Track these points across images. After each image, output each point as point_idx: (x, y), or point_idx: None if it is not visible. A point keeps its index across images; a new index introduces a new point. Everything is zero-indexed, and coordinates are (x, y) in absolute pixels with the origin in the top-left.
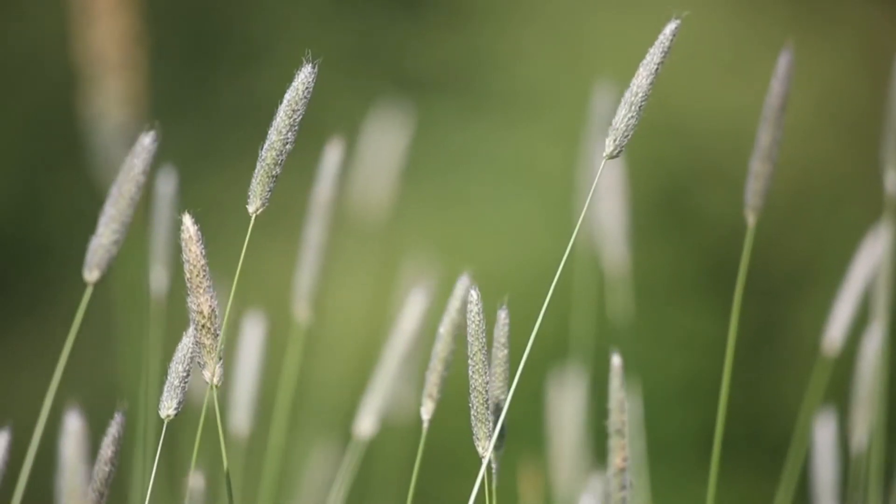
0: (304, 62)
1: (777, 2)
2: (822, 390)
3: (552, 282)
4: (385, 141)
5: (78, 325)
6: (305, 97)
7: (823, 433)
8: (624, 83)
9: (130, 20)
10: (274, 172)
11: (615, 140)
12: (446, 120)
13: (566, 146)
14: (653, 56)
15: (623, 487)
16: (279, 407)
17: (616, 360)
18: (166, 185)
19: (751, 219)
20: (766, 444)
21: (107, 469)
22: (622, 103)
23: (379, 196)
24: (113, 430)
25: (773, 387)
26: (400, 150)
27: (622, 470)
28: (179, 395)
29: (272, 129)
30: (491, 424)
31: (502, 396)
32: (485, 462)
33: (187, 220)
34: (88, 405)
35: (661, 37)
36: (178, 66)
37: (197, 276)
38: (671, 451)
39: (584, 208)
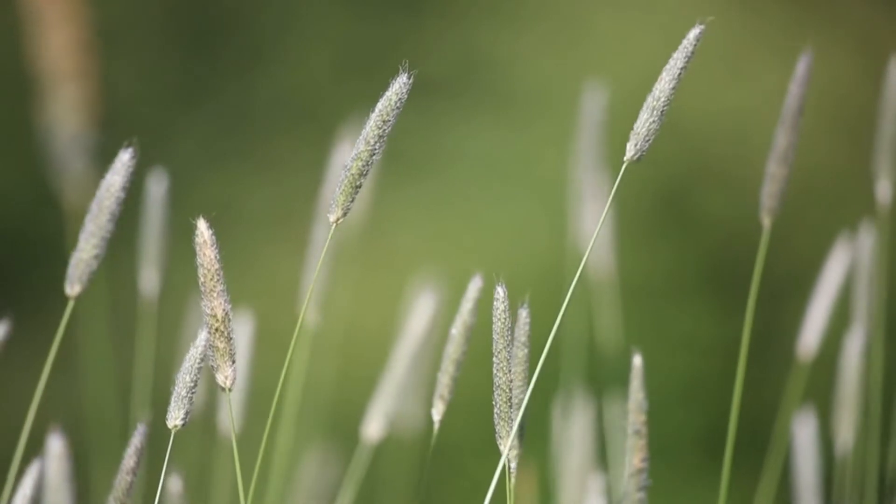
0: (401, 71)
1: (777, 2)
2: (800, 395)
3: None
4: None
5: (59, 340)
6: (398, 108)
7: (803, 433)
8: (624, 83)
9: (81, 30)
10: (359, 183)
11: (636, 144)
12: (447, 119)
13: (565, 146)
14: (676, 61)
15: (641, 488)
16: (287, 408)
17: (637, 361)
18: (158, 187)
19: (766, 221)
20: (766, 444)
21: (128, 479)
22: (644, 107)
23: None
24: (136, 440)
25: (773, 387)
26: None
27: (640, 470)
28: (187, 406)
29: (360, 139)
30: (514, 423)
31: (521, 395)
32: (503, 460)
33: (202, 224)
34: (72, 420)
35: (684, 42)
36: (180, 62)
37: (211, 279)
38: (671, 451)
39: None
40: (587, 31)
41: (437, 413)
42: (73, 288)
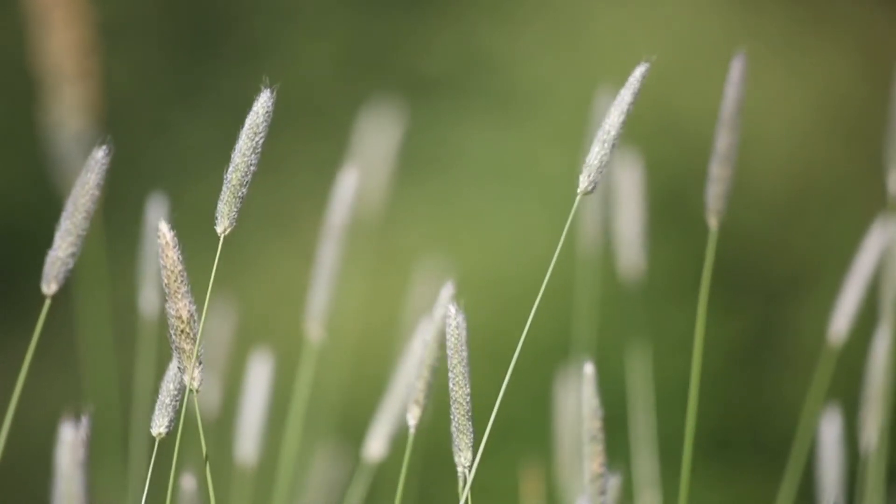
0: (263, 88)
1: (777, 2)
2: (827, 383)
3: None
4: (378, 141)
5: (37, 337)
6: (266, 121)
7: (829, 430)
8: (624, 81)
9: (85, 30)
10: (240, 193)
11: (590, 176)
12: (447, 118)
13: (566, 145)
14: (623, 97)
15: (602, 492)
16: (291, 425)
17: (588, 369)
18: (156, 211)
19: (713, 222)
20: (766, 444)
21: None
22: (595, 141)
23: (373, 197)
24: (80, 432)
25: (773, 387)
26: (393, 151)
27: (599, 475)
28: (171, 414)
29: (235, 151)
30: (472, 435)
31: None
32: (464, 473)
33: (163, 226)
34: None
35: (630, 79)
36: (178, 60)
37: (175, 281)
38: (671, 451)
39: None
40: (587, 29)
41: (413, 418)
42: (49, 287)
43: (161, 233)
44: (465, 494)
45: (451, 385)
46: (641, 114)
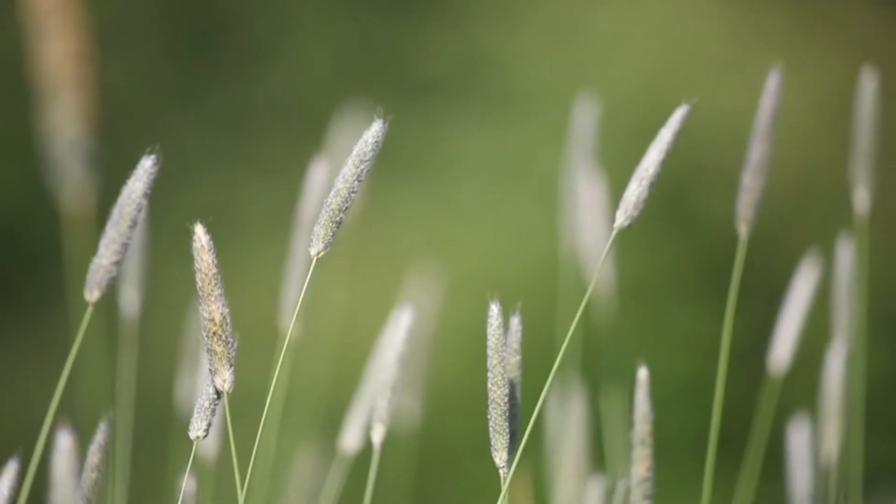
0: (376, 118)
1: (777, 3)
2: (773, 408)
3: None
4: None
5: (78, 344)
6: (374, 150)
7: (797, 440)
8: (624, 81)
9: (82, 37)
10: (338, 218)
11: (626, 211)
12: (447, 119)
13: (565, 145)
14: (664, 135)
15: (646, 497)
16: (268, 419)
17: (642, 373)
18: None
19: (743, 230)
20: (766, 445)
21: (94, 476)
22: (633, 177)
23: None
24: (99, 437)
25: (773, 387)
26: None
27: (646, 479)
28: (209, 417)
29: (339, 176)
30: (509, 436)
31: (516, 404)
32: (503, 472)
33: (199, 229)
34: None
35: (671, 119)
36: (177, 64)
37: (209, 284)
38: (671, 451)
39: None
40: (586, 30)
41: (377, 436)
42: (91, 294)
43: (197, 236)
44: (504, 493)
45: (489, 385)
46: (641, 114)
